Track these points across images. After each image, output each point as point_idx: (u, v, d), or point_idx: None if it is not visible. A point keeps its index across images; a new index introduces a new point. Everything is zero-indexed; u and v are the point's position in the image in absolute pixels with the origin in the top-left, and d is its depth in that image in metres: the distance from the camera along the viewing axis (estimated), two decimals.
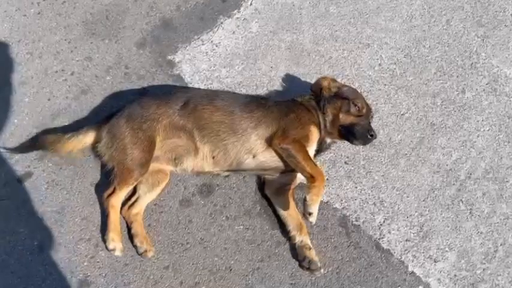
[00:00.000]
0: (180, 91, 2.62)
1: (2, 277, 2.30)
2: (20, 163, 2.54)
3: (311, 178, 2.30)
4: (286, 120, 2.44)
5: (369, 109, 2.59)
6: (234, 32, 2.97)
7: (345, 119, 2.52)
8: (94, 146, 2.49)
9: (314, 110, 2.55)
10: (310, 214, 2.27)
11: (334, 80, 2.64)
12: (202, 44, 2.92)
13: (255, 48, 2.93)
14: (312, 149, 2.49)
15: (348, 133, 2.51)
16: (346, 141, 2.58)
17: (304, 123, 2.46)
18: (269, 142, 2.43)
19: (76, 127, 2.59)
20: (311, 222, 2.31)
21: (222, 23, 3.00)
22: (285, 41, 2.96)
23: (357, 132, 2.49)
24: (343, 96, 2.55)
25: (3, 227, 2.41)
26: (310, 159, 2.37)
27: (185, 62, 2.86)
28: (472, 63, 2.95)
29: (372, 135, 2.49)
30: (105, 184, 2.48)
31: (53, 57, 2.82)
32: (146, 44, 2.89)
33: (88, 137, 2.49)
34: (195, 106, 2.47)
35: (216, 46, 2.92)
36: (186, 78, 2.82)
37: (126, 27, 2.93)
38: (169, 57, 2.87)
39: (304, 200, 2.28)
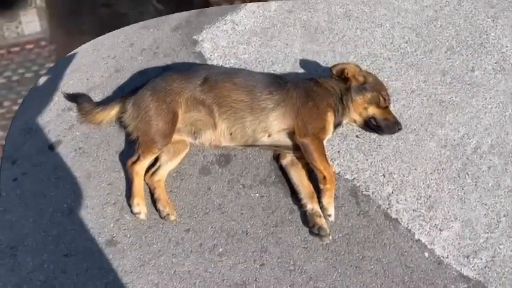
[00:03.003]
0: (202, 67, 2.77)
1: (34, 236, 2.48)
2: (51, 132, 2.73)
3: (323, 179, 2.51)
4: (305, 109, 2.56)
5: (390, 99, 2.72)
6: (254, 12, 3.10)
7: (374, 111, 2.67)
8: (119, 117, 2.65)
9: (335, 93, 2.67)
10: (329, 216, 2.52)
11: (359, 68, 2.72)
12: (225, 24, 3.07)
13: (272, 26, 3.05)
14: (329, 136, 2.64)
15: (377, 126, 2.68)
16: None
17: (321, 112, 2.58)
18: (285, 125, 2.57)
19: (105, 100, 2.79)
20: (331, 221, 2.53)
21: (245, 4, 3.14)
22: (301, 19, 3.07)
23: (386, 127, 2.67)
24: (371, 88, 2.67)
25: (34, 190, 2.58)
26: (325, 159, 2.53)
27: (207, 41, 3.01)
28: (482, 43, 3.05)
29: (400, 128, 2.67)
30: (128, 152, 2.64)
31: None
32: (180, 28, 3.08)
33: (114, 110, 2.66)
34: (215, 82, 2.60)
35: (237, 25, 3.06)
36: (206, 54, 2.96)
37: (169, 17, 3.14)
38: (194, 37, 3.04)
39: (322, 205, 2.52)
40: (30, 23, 5.23)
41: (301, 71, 2.92)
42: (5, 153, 2.69)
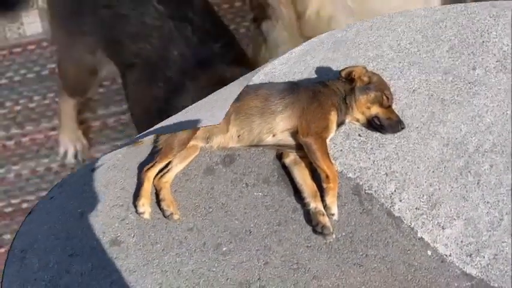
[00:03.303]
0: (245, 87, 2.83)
1: (44, 240, 2.50)
2: (101, 160, 2.75)
3: (326, 178, 2.52)
4: (310, 109, 2.61)
5: (392, 98, 2.75)
6: (311, 41, 3.13)
7: (377, 111, 2.69)
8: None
9: (339, 94, 2.70)
10: (332, 214, 2.52)
11: (365, 69, 2.75)
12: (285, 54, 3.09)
13: (312, 46, 3.08)
14: (332, 135, 2.67)
15: (380, 125, 2.69)
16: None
17: (325, 112, 2.62)
18: (290, 125, 2.60)
19: None
20: (335, 220, 2.53)
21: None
22: (335, 36, 3.09)
23: (389, 126, 2.68)
24: (375, 88, 2.69)
25: (58, 202, 2.62)
26: (328, 158, 2.56)
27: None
28: (483, 42, 3.06)
29: (403, 127, 2.69)
30: (147, 161, 2.65)
31: None
32: None
33: None
34: (243, 96, 2.67)
35: (291, 53, 3.07)
36: (254, 80, 2.95)
37: None
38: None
39: (325, 204, 2.51)
40: (32, 24, 5.28)
41: (314, 76, 2.93)
42: (59, 182, 2.72)
